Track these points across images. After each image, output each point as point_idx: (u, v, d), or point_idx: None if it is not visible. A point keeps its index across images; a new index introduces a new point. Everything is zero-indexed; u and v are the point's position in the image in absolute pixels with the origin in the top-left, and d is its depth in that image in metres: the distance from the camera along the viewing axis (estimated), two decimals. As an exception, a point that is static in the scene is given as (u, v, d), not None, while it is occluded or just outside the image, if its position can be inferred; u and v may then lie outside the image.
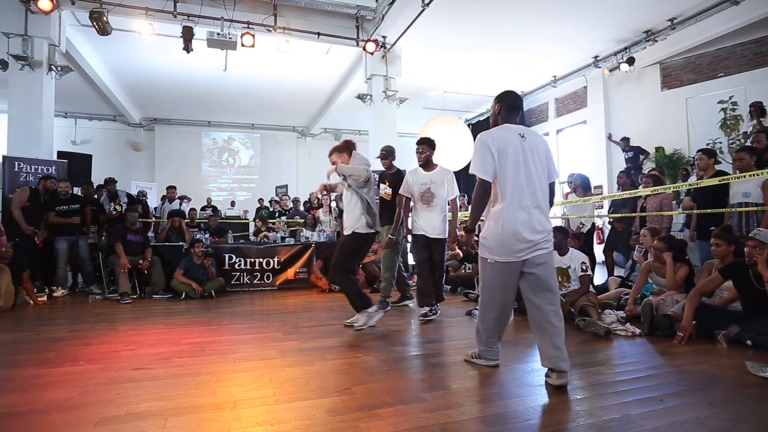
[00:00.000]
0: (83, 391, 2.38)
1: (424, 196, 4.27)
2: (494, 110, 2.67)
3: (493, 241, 2.50)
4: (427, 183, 4.27)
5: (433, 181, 4.27)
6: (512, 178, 2.44)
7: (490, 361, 2.73)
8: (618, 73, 9.41)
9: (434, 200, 4.24)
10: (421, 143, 4.36)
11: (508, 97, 2.65)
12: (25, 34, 6.65)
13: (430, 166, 4.35)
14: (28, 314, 4.80)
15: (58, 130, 10.10)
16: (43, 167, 6.66)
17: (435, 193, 4.24)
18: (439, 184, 4.25)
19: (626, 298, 4.30)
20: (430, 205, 4.24)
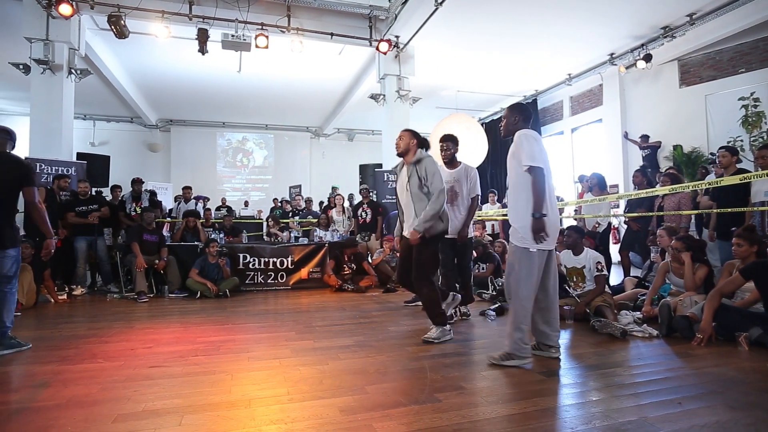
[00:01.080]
0: (102, 387, 2.42)
1: (448, 194, 4.13)
2: (510, 120, 2.93)
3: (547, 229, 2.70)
4: (451, 181, 4.18)
5: (457, 179, 4.19)
6: (549, 175, 2.80)
7: (524, 360, 2.73)
8: (634, 71, 9.26)
9: (458, 199, 4.16)
10: (446, 140, 4.28)
11: (526, 110, 2.98)
12: (46, 39, 6.80)
13: (454, 164, 4.28)
14: (49, 312, 4.91)
15: (77, 131, 10.33)
16: (63, 168, 6.80)
17: (458, 191, 4.17)
18: (463, 182, 4.18)
19: (643, 299, 4.23)
20: (454, 204, 4.16)
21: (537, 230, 2.66)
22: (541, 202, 2.67)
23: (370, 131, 15.04)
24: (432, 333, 3.40)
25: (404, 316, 4.55)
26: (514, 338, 2.72)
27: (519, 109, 2.97)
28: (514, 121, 2.91)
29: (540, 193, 2.68)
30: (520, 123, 2.90)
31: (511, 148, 2.85)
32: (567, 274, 4.37)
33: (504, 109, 3.06)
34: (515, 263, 2.76)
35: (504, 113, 3.02)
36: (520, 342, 2.72)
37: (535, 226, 2.66)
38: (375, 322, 4.21)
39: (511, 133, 2.93)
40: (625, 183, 9.63)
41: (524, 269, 2.71)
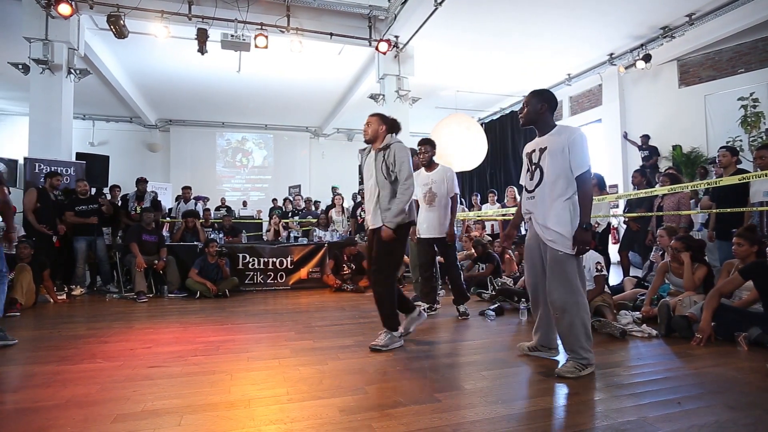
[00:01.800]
0: (101, 387, 2.42)
1: (426, 196, 4.35)
2: (536, 107, 2.65)
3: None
4: (429, 183, 4.36)
5: (434, 180, 4.35)
6: None
7: (593, 366, 2.57)
8: (634, 71, 9.28)
9: (436, 199, 4.31)
10: (424, 143, 4.44)
11: (553, 98, 2.70)
12: (45, 39, 6.79)
13: (431, 167, 4.43)
14: (49, 312, 4.91)
15: (77, 131, 10.32)
16: (63, 168, 6.79)
17: (436, 192, 4.32)
18: (440, 182, 4.32)
19: (642, 299, 4.24)
20: (432, 205, 4.32)
21: (584, 242, 2.45)
22: (590, 212, 2.51)
23: (369, 132, 15.02)
24: (380, 339, 3.15)
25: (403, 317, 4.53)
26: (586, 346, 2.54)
27: (546, 96, 2.67)
28: (540, 109, 2.64)
29: (591, 201, 2.53)
30: (546, 112, 2.65)
31: (557, 142, 2.56)
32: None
33: (526, 96, 2.71)
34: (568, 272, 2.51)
35: (526, 99, 2.70)
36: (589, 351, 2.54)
37: (582, 237, 2.45)
38: (374, 322, 4.19)
39: (533, 122, 2.68)
40: (625, 183, 9.64)
41: (578, 275, 2.53)
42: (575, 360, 2.53)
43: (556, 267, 2.54)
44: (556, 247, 2.52)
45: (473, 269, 6.13)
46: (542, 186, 2.60)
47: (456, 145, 7.92)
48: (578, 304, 2.51)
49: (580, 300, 2.52)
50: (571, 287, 2.51)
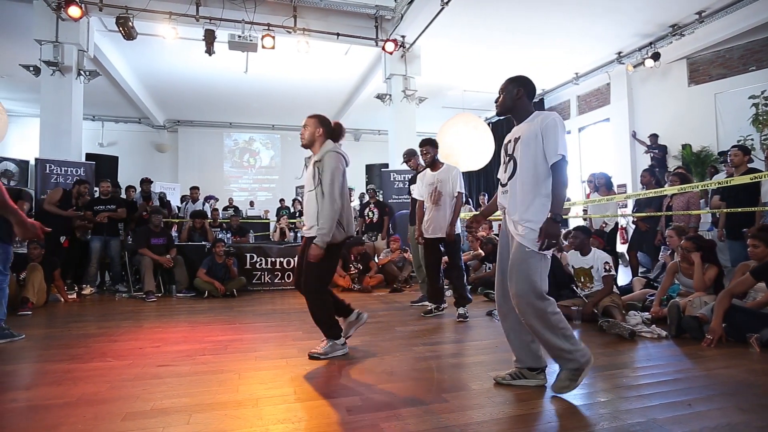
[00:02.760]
0: (111, 386, 2.44)
1: (432, 195, 4.34)
2: (513, 94, 2.40)
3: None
4: (434, 183, 4.34)
5: (440, 180, 4.33)
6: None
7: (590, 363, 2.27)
8: (642, 69, 9.20)
9: (442, 198, 4.29)
10: (424, 144, 4.41)
11: (530, 82, 2.45)
12: (55, 41, 6.87)
13: (436, 166, 4.41)
14: (59, 311, 4.96)
15: (86, 132, 10.42)
16: (73, 169, 6.87)
17: (442, 191, 4.30)
18: (446, 181, 4.30)
19: (652, 300, 4.20)
20: (438, 205, 4.30)
21: (550, 234, 2.17)
22: (563, 203, 2.26)
23: (376, 131, 15.05)
24: (320, 347, 2.99)
25: (411, 316, 4.54)
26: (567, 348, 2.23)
27: (521, 81, 2.43)
28: (517, 95, 2.40)
29: (565, 191, 2.27)
30: (523, 98, 2.41)
31: (530, 129, 2.32)
32: (575, 275, 4.35)
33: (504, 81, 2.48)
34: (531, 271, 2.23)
35: (503, 86, 2.46)
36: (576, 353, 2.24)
37: (553, 230, 2.17)
38: (382, 322, 4.21)
39: (509, 109, 2.44)
40: (633, 182, 9.57)
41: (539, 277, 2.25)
42: (566, 368, 2.25)
43: (521, 264, 2.26)
44: (524, 242, 2.25)
45: (480, 269, 6.11)
46: (515, 178, 2.35)
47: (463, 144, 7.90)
48: (538, 308, 2.21)
49: (541, 304, 2.22)
50: (531, 287, 2.22)
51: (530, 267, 2.24)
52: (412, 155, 5.13)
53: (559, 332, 2.23)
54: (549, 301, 2.25)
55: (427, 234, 4.36)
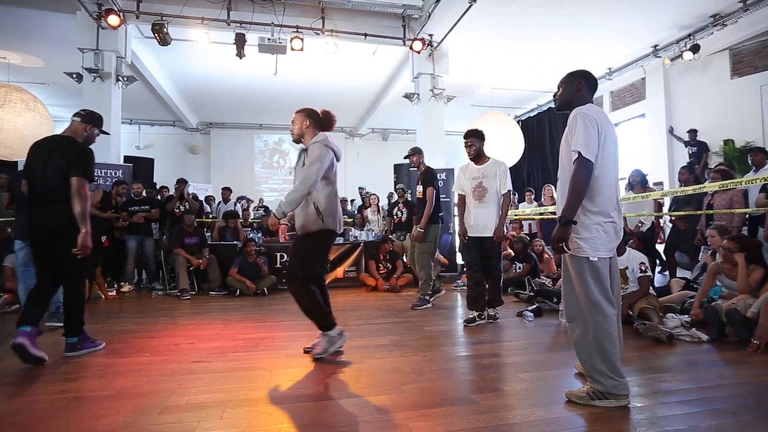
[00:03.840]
0: (149, 380, 2.53)
1: (476, 191, 4.08)
2: (574, 86, 2.32)
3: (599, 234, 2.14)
4: (479, 177, 4.08)
5: (485, 174, 4.06)
6: (613, 167, 2.21)
7: (621, 399, 2.09)
8: (680, 62, 8.83)
9: (486, 195, 4.02)
10: (469, 136, 4.18)
11: (592, 76, 2.36)
12: (96, 49, 7.16)
13: (481, 159, 4.15)
14: (100, 307, 5.17)
15: (124, 136, 10.80)
16: (112, 171, 7.14)
17: (487, 187, 4.02)
18: (492, 177, 4.03)
19: (691, 302, 4.04)
20: (482, 201, 4.03)
21: (558, 238, 2.10)
22: (576, 204, 2.09)
23: (404, 131, 15.01)
24: (318, 347, 2.92)
25: (439, 316, 4.52)
26: (604, 371, 2.09)
27: (586, 75, 2.33)
28: (576, 87, 2.30)
29: (579, 191, 2.07)
30: (583, 90, 2.31)
31: (567, 128, 2.23)
32: (609, 275, 4.22)
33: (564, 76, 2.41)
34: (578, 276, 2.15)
35: (562, 80, 2.39)
36: (611, 377, 2.07)
37: (558, 234, 2.10)
38: (410, 321, 4.21)
39: (568, 103, 2.32)
40: (670, 180, 9.21)
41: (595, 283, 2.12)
42: (591, 385, 2.14)
43: (565, 269, 2.24)
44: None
45: (510, 269, 6.02)
46: (559, 179, 2.28)
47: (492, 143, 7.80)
48: (589, 317, 2.11)
49: (594, 313, 2.10)
50: (580, 296, 2.14)
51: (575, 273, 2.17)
52: (414, 152, 5.09)
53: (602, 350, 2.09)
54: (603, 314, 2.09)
55: (471, 232, 4.10)
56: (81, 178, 3.07)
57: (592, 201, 2.14)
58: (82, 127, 3.33)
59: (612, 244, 2.18)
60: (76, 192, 3.03)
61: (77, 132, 3.31)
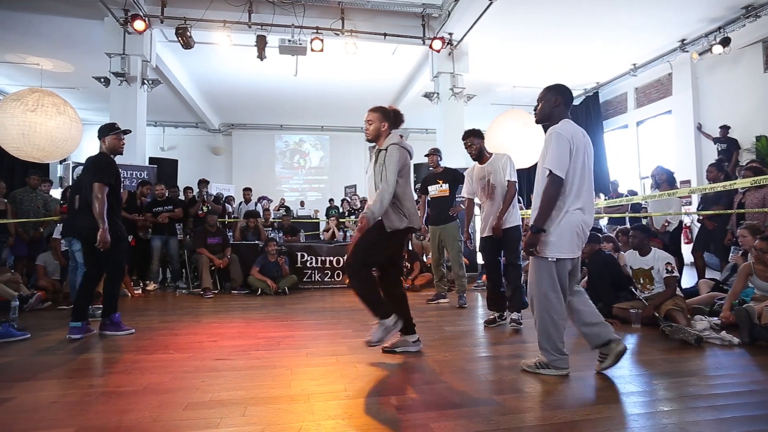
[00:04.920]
0: (173, 377, 2.59)
1: (485, 189, 4.02)
2: (551, 102, 2.58)
3: (557, 237, 2.47)
4: (485, 175, 4.03)
5: (490, 171, 4.01)
6: (579, 175, 2.49)
7: (560, 371, 2.51)
8: (709, 57, 8.57)
9: (496, 191, 3.96)
10: (468, 136, 4.15)
11: (567, 91, 2.62)
12: (123, 53, 7.36)
13: (484, 158, 4.12)
14: (127, 305, 5.30)
15: (149, 137, 11.07)
16: (137, 172, 7.33)
17: (495, 183, 3.96)
18: (497, 171, 3.97)
19: (721, 304, 3.91)
20: (493, 198, 3.97)
21: (529, 244, 2.46)
22: (547, 215, 2.43)
23: (424, 130, 14.98)
24: (373, 334, 2.87)
25: (459, 316, 4.49)
26: (547, 348, 2.51)
27: (562, 90, 2.59)
28: (554, 103, 2.56)
29: (548, 204, 2.42)
30: (561, 106, 2.56)
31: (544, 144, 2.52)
32: (633, 276, 4.13)
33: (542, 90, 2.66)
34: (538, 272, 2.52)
35: (541, 94, 2.63)
36: (554, 353, 2.50)
37: (529, 240, 2.45)
38: (430, 321, 4.19)
39: (547, 117, 2.59)
40: (699, 178, 8.94)
41: (548, 280, 2.48)
42: (541, 356, 2.57)
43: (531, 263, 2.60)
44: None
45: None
46: (535, 190, 2.59)
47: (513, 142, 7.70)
48: (541, 304, 2.51)
49: (544, 302, 2.50)
50: (537, 285, 2.52)
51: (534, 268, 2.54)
52: (434, 152, 5.17)
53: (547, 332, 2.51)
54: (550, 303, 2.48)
55: (485, 233, 4.02)
56: (97, 183, 3.56)
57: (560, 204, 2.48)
58: (101, 143, 3.82)
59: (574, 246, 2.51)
60: (94, 195, 3.56)
61: (101, 148, 3.81)
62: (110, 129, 3.84)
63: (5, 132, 6.88)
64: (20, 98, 6.91)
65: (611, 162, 11.53)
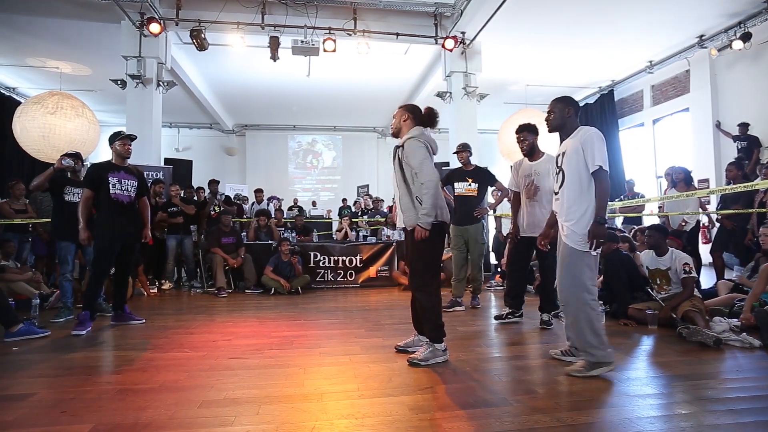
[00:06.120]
0: (189, 375, 2.62)
1: (528, 189, 3.91)
2: (564, 112, 2.76)
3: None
4: (531, 174, 3.88)
5: (537, 171, 3.85)
6: None
7: (611, 364, 2.55)
8: (728, 53, 8.38)
9: (538, 194, 3.85)
10: (522, 130, 3.94)
11: (576, 102, 2.83)
12: (139, 56, 7.47)
13: (535, 155, 3.94)
14: (143, 304, 5.39)
15: (164, 139, 11.22)
16: (153, 173, 7.43)
17: (539, 185, 3.84)
18: (545, 174, 3.81)
19: (741, 305, 3.82)
20: (533, 200, 3.87)
21: (596, 235, 2.53)
22: (605, 207, 2.59)
23: (436, 130, 14.86)
24: (420, 352, 2.83)
25: (473, 316, 4.47)
26: (594, 344, 2.53)
27: (571, 102, 2.79)
28: (567, 113, 2.75)
29: (606, 197, 2.58)
30: (573, 116, 2.76)
31: (573, 143, 2.66)
32: (650, 276, 4.07)
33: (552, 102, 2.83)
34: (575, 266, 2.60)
35: (551, 105, 2.81)
36: (602, 348, 2.54)
37: (598, 231, 2.53)
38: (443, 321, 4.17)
39: (560, 127, 2.78)
40: (717, 177, 8.76)
41: (585, 273, 2.58)
42: (585, 359, 2.58)
43: (564, 260, 2.66)
44: (568, 241, 2.63)
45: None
46: (563, 187, 2.70)
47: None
48: (582, 300, 2.57)
49: (586, 296, 2.57)
50: (575, 282, 2.59)
51: (574, 263, 2.61)
52: (464, 149, 4.86)
53: (593, 327, 2.55)
54: (593, 297, 2.58)
55: (523, 232, 3.96)
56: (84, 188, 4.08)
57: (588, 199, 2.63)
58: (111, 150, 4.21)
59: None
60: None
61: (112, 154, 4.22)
62: (116, 136, 4.19)
63: (26, 134, 7.05)
64: (40, 101, 7.08)
65: (626, 161, 11.37)
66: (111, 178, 4.01)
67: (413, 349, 3.03)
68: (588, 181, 2.61)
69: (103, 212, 3.99)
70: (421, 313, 2.94)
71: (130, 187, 4.13)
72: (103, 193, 3.97)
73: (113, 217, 3.97)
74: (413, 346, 3.06)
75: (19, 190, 5.98)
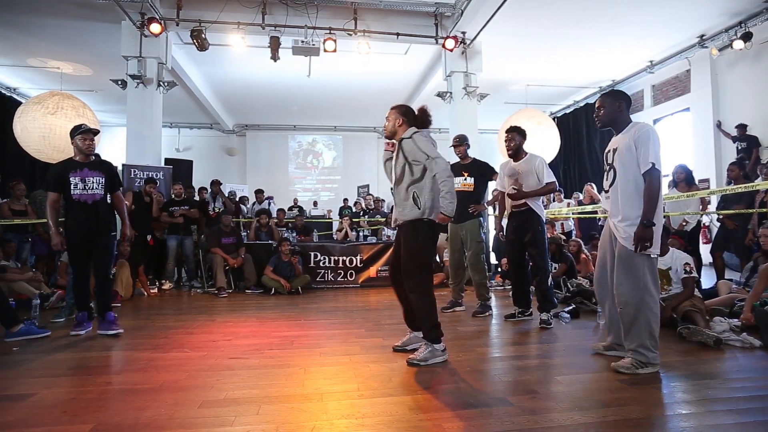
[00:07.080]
0: (189, 375, 2.62)
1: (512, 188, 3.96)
2: (613, 107, 2.68)
3: (657, 233, 2.54)
4: (515, 174, 3.98)
5: (520, 171, 3.95)
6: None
7: (657, 365, 2.57)
8: (729, 52, 8.37)
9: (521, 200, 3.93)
10: (511, 131, 4.05)
11: (628, 96, 2.74)
12: (139, 56, 7.47)
13: (519, 156, 4.05)
14: (143, 304, 5.39)
15: (165, 139, 11.22)
16: (153, 173, 7.43)
17: (523, 184, 3.92)
18: (527, 174, 3.91)
19: (741, 305, 3.82)
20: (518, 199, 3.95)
21: (643, 239, 2.47)
22: (655, 209, 2.49)
23: (437, 130, 14.89)
24: (419, 352, 2.82)
25: (473, 316, 4.46)
26: (649, 345, 2.54)
27: (622, 96, 2.69)
28: (618, 108, 2.67)
29: (656, 198, 2.49)
30: (624, 111, 2.67)
31: (625, 140, 2.59)
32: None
33: (599, 98, 2.77)
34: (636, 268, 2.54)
35: (600, 100, 2.74)
36: (654, 349, 2.55)
37: (642, 234, 2.47)
38: (443, 321, 4.09)
39: (611, 122, 2.69)
40: (718, 177, 8.75)
41: (647, 275, 2.54)
42: (634, 357, 2.56)
43: (624, 262, 2.59)
44: (626, 243, 2.57)
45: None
46: (615, 185, 2.65)
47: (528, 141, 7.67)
48: (643, 302, 2.53)
49: (647, 299, 2.53)
50: (638, 284, 2.54)
51: (634, 265, 2.55)
52: (461, 142, 4.62)
53: (651, 329, 2.53)
54: (654, 300, 2.54)
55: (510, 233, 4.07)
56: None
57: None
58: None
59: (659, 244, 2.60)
60: None
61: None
62: (76, 131, 3.81)
63: (27, 134, 7.07)
64: (41, 101, 7.10)
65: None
66: (72, 178, 3.72)
67: (411, 347, 3.03)
68: (642, 180, 2.54)
69: (67, 214, 3.77)
70: (417, 314, 2.94)
71: (96, 184, 3.79)
72: (66, 194, 3.73)
73: (78, 219, 3.72)
74: (411, 344, 3.07)
75: (19, 191, 5.98)
